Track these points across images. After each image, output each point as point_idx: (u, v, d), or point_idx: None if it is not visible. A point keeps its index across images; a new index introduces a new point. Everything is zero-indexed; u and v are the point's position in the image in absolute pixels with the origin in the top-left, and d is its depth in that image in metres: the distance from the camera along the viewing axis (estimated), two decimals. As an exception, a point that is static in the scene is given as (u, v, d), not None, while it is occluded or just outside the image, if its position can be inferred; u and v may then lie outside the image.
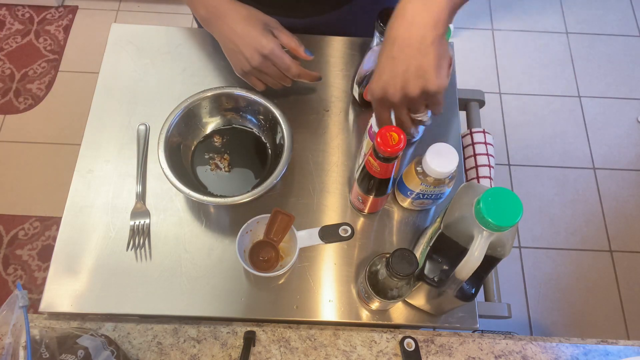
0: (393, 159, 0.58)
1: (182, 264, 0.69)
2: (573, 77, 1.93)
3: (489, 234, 0.49)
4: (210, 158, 0.76)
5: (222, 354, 0.65)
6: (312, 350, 0.65)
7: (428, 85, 0.53)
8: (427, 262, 0.58)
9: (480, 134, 0.86)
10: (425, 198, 0.69)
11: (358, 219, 0.74)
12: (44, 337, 0.52)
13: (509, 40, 2.01)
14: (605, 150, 1.79)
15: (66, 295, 0.67)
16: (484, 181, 0.82)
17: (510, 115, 1.85)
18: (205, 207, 0.73)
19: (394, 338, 0.67)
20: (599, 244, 1.63)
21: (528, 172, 1.74)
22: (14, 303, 0.48)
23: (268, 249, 0.68)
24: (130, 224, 0.71)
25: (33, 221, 1.59)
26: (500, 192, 0.48)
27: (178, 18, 1.98)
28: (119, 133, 0.78)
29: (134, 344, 0.65)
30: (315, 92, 0.83)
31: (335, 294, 0.68)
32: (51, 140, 1.72)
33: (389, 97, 0.55)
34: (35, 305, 1.34)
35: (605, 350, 0.67)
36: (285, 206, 0.74)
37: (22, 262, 1.53)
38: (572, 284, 1.56)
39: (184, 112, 0.73)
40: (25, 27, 1.93)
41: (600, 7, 2.09)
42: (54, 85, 1.83)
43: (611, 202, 1.69)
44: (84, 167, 0.76)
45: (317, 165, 0.77)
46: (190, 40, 0.87)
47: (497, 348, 0.67)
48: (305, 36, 0.87)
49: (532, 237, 1.63)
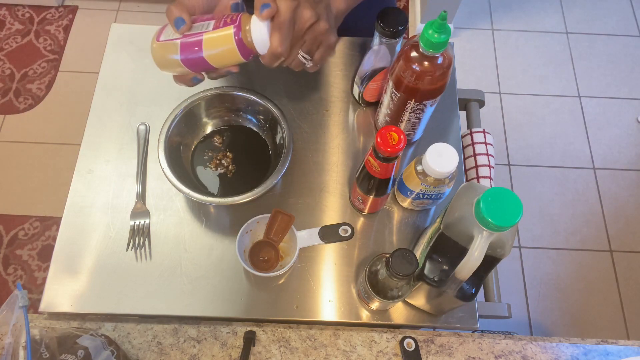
0: (393, 159, 0.58)
1: (182, 264, 0.69)
2: (573, 77, 1.93)
3: (489, 234, 0.49)
4: (213, 157, 0.76)
5: (222, 354, 0.65)
6: (312, 350, 0.65)
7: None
8: (427, 262, 0.58)
9: (480, 134, 0.86)
10: (425, 198, 0.69)
11: (358, 219, 0.74)
12: (44, 337, 0.52)
13: (509, 40, 2.01)
14: (605, 150, 1.79)
15: (66, 295, 0.67)
16: (484, 181, 0.82)
17: (510, 115, 1.85)
18: (205, 207, 0.73)
19: (394, 338, 0.67)
20: (599, 244, 1.63)
21: (528, 172, 1.74)
22: (14, 303, 0.48)
23: (268, 249, 0.68)
24: (130, 224, 0.71)
25: (33, 221, 1.59)
26: (500, 192, 0.48)
27: (178, 18, 1.98)
28: (119, 133, 0.78)
29: (134, 344, 0.65)
30: (316, 92, 0.83)
31: (335, 294, 0.68)
32: (51, 140, 1.72)
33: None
34: (35, 305, 1.34)
35: (605, 350, 0.67)
36: (285, 206, 0.74)
37: (22, 262, 1.53)
38: (572, 284, 1.56)
39: (184, 112, 0.73)
40: (25, 27, 1.93)
41: (600, 7, 2.09)
42: (54, 85, 1.83)
43: (611, 202, 1.69)
44: (84, 167, 0.76)
45: (317, 165, 0.77)
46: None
47: (497, 348, 0.67)
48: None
49: (532, 237, 1.63)
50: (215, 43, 0.53)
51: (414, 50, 0.61)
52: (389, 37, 0.67)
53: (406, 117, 0.70)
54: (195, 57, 0.54)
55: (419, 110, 0.68)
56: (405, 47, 0.62)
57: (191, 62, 0.54)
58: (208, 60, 0.54)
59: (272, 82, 0.83)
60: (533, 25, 2.04)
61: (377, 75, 0.73)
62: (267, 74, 0.84)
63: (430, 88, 0.63)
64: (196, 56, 0.54)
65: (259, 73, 0.84)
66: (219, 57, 0.54)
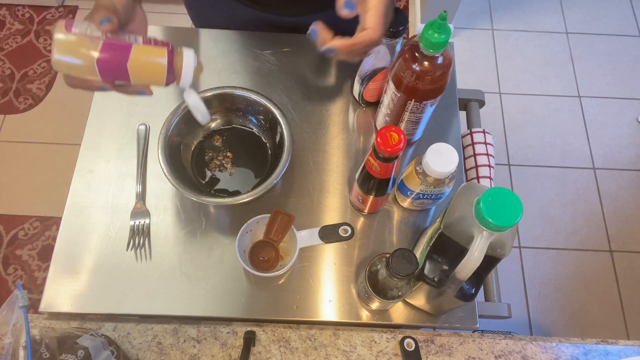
0: (393, 159, 0.58)
1: (182, 264, 0.69)
2: (573, 77, 1.93)
3: (489, 234, 0.49)
4: (213, 157, 0.76)
5: (222, 354, 0.65)
6: (312, 350, 0.65)
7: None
8: (427, 262, 0.58)
9: (480, 134, 0.86)
10: (425, 198, 0.69)
11: (358, 219, 0.74)
12: (44, 337, 0.52)
13: (509, 40, 2.01)
14: (605, 150, 1.79)
15: (66, 295, 0.67)
16: (484, 181, 0.82)
17: (510, 115, 1.85)
18: (205, 207, 0.73)
19: (394, 338, 0.67)
20: (599, 244, 1.63)
21: (528, 172, 1.74)
22: (14, 303, 0.48)
23: (268, 249, 0.68)
24: (130, 224, 0.71)
25: (33, 221, 1.59)
26: (500, 192, 0.48)
27: (178, 18, 1.98)
28: (119, 133, 0.78)
29: (134, 344, 0.65)
30: (316, 92, 0.83)
31: (335, 294, 0.68)
32: (51, 140, 1.72)
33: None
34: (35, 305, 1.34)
35: (605, 350, 0.67)
36: (285, 206, 0.74)
37: (22, 262, 1.53)
38: (572, 284, 1.56)
39: (184, 112, 0.72)
40: (25, 27, 1.93)
41: (600, 7, 2.09)
42: (54, 85, 1.83)
43: (611, 202, 1.69)
44: (84, 167, 0.76)
45: (317, 165, 0.77)
46: (190, 40, 0.87)
47: (497, 348, 0.67)
48: (305, 36, 0.87)
49: (532, 237, 1.63)
50: (145, 55, 0.51)
51: (414, 50, 0.61)
52: (389, 37, 0.67)
53: (406, 117, 0.70)
54: (115, 62, 0.50)
55: (419, 110, 0.68)
56: (405, 47, 0.62)
57: (107, 66, 0.50)
58: (129, 70, 0.50)
59: (272, 82, 0.83)
60: (533, 25, 2.04)
61: (377, 75, 0.73)
62: (267, 74, 0.84)
63: (430, 88, 0.63)
64: (118, 61, 0.50)
65: (259, 73, 0.84)
66: (142, 71, 0.51)
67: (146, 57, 0.51)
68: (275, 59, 0.85)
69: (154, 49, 0.51)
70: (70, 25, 0.50)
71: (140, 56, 0.50)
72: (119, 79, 0.52)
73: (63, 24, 0.49)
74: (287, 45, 0.86)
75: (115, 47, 0.50)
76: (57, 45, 0.49)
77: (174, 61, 0.52)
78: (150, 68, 0.51)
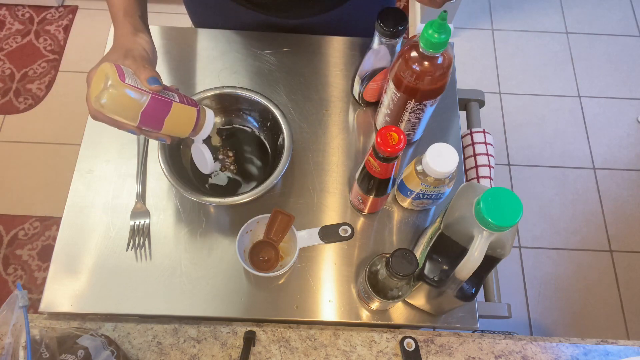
0: (393, 159, 0.58)
1: (182, 264, 0.69)
2: (573, 77, 1.93)
3: (489, 234, 0.49)
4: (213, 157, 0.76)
5: (222, 354, 0.65)
6: (312, 350, 0.65)
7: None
8: (427, 262, 0.58)
9: (480, 134, 0.86)
10: (425, 198, 0.69)
11: (358, 219, 0.74)
12: (44, 337, 0.52)
13: (509, 40, 2.00)
14: (605, 150, 1.79)
15: (66, 295, 0.67)
16: (484, 181, 0.82)
17: (510, 115, 1.85)
18: (205, 207, 0.73)
19: (394, 338, 0.67)
20: (599, 244, 1.63)
21: (528, 172, 1.74)
22: (14, 303, 0.48)
23: (268, 249, 0.68)
24: (130, 224, 0.71)
25: (33, 221, 1.59)
26: (500, 192, 0.48)
27: (178, 18, 1.98)
28: (119, 133, 0.78)
29: (134, 344, 0.65)
30: (316, 92, 0.83)
31: (335, 294, 0.68)
32: (51, 140, 1.72)
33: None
34: (35, 305, 1.34)
35: (605, 350, 0.67)
36: (285, 206, 0.74)
37: (22, 262, 1.53)
38: (572, 284, 1.56)
39: (184, 112, 0.72)
40: (25, 27, 1.93)
41: (600, 7, 2.09)
42: (54, 85, 1.83)
43: (611, 202, 1.69)
44: (84, 167, 0.76)
45: (317, 165, 0.77)
46: (189, 40, 0.87)
47: (497, 348, 0.67)
48: (305, 36, 0.87)
49: (532, 237, 1.63)
50: (181, 113, 0.59)
51: (414, 50, 0.61)
52: (389, 37, 0.67)
53: (406, 117, 0.70)
54: (156, 116, 0.57)
55: (419, 110, 0.68)
56: (405, 47, 0.62)
57: (149, 117, 0.56)
58: (165, 123, 0.58)
59: (272, 82, 0.83)
60: (533, 25, 2.04)
61: (377, 75, 0.73)
62: (267, 74, 0.84)
63: (430, 88, 0.63)
64: (158, 115, 0.57)
65: (259, 73, 0.84)
66: (175, 125, 0.59)
67: (181, 115, 0.59)
68: (275, 59, 0.85)
69: (187, 108, 0.60)
70: (122, 75, 0.54)
71: (177, 112, 0.58)
72: (151, 127, 0.58)
73: (115, 70, 0.53)
74: (287, 45, 0.86)
75: (159, 103, 0.56)
76: (110, 93, 0.53)
77: (200, 120, 0.61)
78: (182, 123, 0.60)
